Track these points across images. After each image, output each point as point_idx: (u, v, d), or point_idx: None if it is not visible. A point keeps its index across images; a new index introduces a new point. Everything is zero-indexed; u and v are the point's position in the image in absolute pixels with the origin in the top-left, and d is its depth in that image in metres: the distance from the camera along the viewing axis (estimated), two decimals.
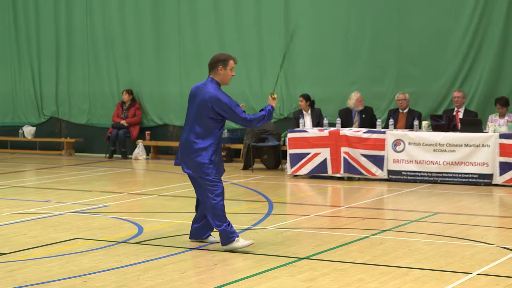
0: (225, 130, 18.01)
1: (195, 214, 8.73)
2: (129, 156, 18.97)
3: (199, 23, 18.51)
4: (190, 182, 8.66)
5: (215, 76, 8.49)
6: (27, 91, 20.87)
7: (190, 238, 8.75)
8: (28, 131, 20.50)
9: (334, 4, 16.98)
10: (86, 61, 19.99)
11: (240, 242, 8.20)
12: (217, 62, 8.43)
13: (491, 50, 15.52)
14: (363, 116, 15.44)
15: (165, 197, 12.45)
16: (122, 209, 11.36)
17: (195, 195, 12.53)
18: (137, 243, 8.72)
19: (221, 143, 8.61)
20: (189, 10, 18.60)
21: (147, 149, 19.06)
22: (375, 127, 14.77)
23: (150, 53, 19.17)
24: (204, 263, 7.68)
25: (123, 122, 19.01)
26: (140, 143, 18.88)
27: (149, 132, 19.15)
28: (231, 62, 8.45)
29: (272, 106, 8.53)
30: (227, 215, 10.79)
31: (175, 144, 19.00)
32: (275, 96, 8.63)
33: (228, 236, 8.21)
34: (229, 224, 8.27)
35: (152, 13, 19.05)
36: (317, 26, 17.14)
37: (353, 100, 15.44)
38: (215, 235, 8.72)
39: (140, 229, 9.54)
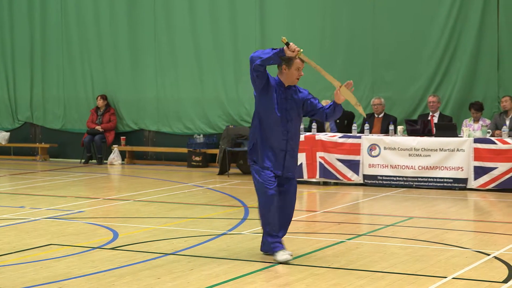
0: (201, 135, 18.00)
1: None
2: (105, 161, 18.88)
3: (175, 28, 18.48)
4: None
5: (279, 76, 8.08)
6: (1, 96, 20.71)
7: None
8: (2, 137, 20.36)
9: (309, 10, 17.02)
10: (60, 66, 19.89)
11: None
12: (281, 61, 8.03)
13: (465, 55, 15.61)
14: (337, 121, 15.46)
15: (140, 203, 12.40)
16: (97, 215, 11.30)
17: (170, 200, 12.55)
18: (112, 248, 8.67)
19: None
20: (165, 15, 18.57)
21: (122, 154, 18.99)
22: (350, 129, 14.81)
23: (126, 58, 19.11)
24: (179, 269, 7.65)
25: (98, 127, 18.93)
26: (115, 148, 18.81)
27: (124, 137, 19.08)
28: (297, 61, 7.99)
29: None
30: (203, 220, 10.80)
31: (151, 149, 18.97)
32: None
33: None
34: None
35: (127, 18, 18.99)
36: (292, 31, 17.16)
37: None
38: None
39: (116, 235, 9.49)
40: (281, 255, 7.85)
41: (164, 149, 18.78)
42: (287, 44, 7.86)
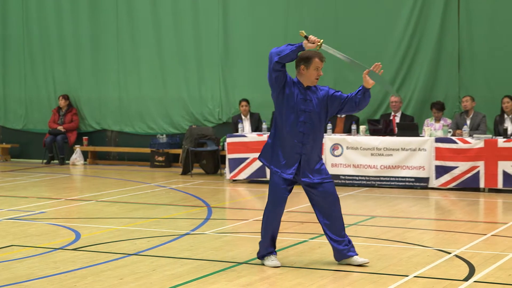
0: (164, 135, 17.95)
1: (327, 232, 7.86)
2: (67, 162, 18.76)
3: (137, 27, 18.41)
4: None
5: (298, 76, 7.70)
6: None
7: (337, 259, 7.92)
8: None
9: (272, 9, 17.04)
10: (22, 65, 19.71)
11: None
12: (299, 62, 7.65)
13: (426, 56, 15.73)
14: None
15: (103, 203, 12.34)
16: (59, 215, 11.23)
17: (133, 201, 12.51)
18: (75, 249, 8.62)
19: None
20: (127, 14, 18.49)
21: (85, 154, 18.87)
22: None
23: (88, 58, 18.99)
24: (142, 269, 7.63)
25: (60, 128, 18.80)
26: (78, 149, 18.69)
27: (86, 137, 18.96)
28: (316, 60, 7.65)
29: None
30: (166, 220, 10.77)
31: (113, 149, 18.88)
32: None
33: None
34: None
35: (89, 17, 18.87)
36: (256, 30, 17.20)
37: None
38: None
39: (78, 235, 9.44)
40: (270, 261, 7.75)
41: (126, 149, 18.70)
42: (306, 37, 7.56)
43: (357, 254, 7.82)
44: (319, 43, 7.61)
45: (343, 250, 7.77)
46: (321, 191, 7.72)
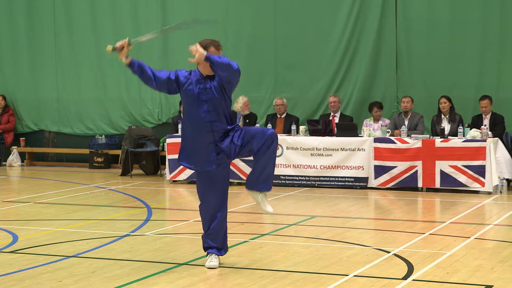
0: (103, 136, 17.80)
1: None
2: (4, 163, 18.49)
3: (76, 26, 18.22)
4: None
5: (198, 66, 7.72)
6: None
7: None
8: None
9: (212, 10, 17.02)
10: None
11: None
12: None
13: (365, 57, 15.88)
14: (247, 121, 15.49)
15: (41, 205, 12.19)
16: None
17: (72, 202, 12.38)
18: (12, 252, 8.50)
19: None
20: (65, 13, 18.28)
21: (22, 155, 18.63)
22: None
23: (25, 57, 18.73)
24: (81, 271, 7.55)
25: None
26: (15, 150, 18.45)
27: (24, 138, 18.72)
28: (212, 50, 7.76)
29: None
30: (106, 221, 10.68)
31: (51, 150, 18.67)
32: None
33: None
34: None
35: (26, 16, 18.61)
36: (195, 35, 17.12)
37: (240, 103, 15.45)
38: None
39: (15, 238, 9.31)
40: (208, 262, 7.73)
41: (65, 150, 18.50)
42: (114, 49, 7.71)
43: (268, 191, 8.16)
44: (126, 43, 7.80)
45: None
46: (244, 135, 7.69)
